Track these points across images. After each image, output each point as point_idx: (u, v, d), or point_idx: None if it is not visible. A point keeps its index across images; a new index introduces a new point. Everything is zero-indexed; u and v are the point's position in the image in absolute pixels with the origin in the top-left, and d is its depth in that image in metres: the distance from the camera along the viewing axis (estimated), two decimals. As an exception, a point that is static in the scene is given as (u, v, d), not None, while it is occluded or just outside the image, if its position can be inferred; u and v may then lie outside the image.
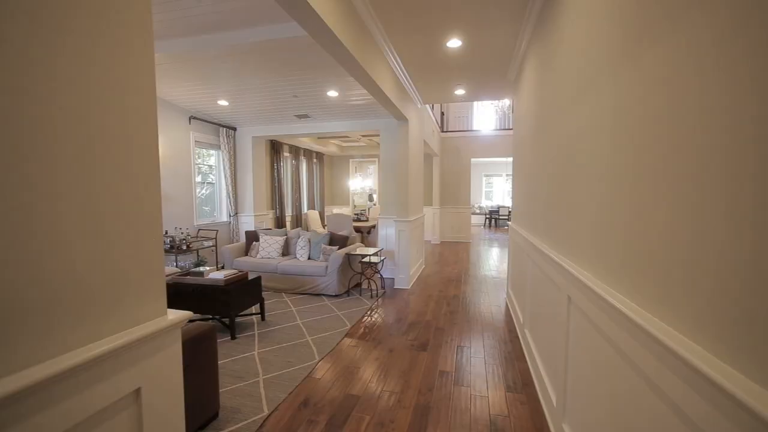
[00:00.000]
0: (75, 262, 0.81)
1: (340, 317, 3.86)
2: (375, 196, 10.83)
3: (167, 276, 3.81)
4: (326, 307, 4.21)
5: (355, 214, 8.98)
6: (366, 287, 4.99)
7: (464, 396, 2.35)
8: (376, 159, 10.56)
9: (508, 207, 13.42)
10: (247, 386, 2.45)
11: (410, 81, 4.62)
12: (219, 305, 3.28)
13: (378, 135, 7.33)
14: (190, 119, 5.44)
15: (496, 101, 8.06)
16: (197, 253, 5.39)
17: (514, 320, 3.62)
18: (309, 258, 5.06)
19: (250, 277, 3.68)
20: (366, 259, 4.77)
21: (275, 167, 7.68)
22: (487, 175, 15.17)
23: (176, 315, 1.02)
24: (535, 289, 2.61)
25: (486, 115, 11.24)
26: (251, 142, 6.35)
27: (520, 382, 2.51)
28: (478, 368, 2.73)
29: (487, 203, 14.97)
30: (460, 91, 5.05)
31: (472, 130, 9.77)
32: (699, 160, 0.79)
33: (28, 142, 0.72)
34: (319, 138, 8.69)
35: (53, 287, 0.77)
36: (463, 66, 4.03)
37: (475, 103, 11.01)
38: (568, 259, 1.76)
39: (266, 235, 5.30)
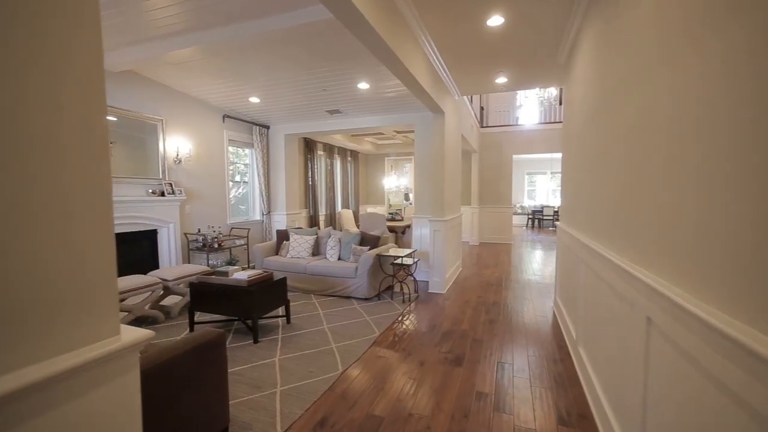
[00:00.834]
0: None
1: (369, 323, 3.61)
2: (411, 196, 10.51)
3: (194, 275, 3.77)
4: (355, 311, 3.98)
5: (390, 214, 8.73)
6: (398, 291, 4.71)
7: (506, 427, 1.99)
8: (412, 157, 10.23)
9: (553, 207, 12.53)
10: (263, 398, 2.26)
11: (446, 70, 4.27)
12: (242, 307, 3.15)
13: (413, 131, 7.02)
14: (223, 118, 5.46)
15: (542, 91, 7.43)
16: (230, 251, 5.40)
17: (565, 334, 3.17)
18: (339, 258, 4.87)
19: (278, 277, 3.54)
20: (398, 261, 4.49)
21: (309, 165, 7.61)
22: (529, 173, 14.30)
23: (133, 335, 0.81)
24: (593, 300, 2.19)
25: (529, 109, 10.52)
26: (283, 140, 6.30)
27: (575, 413, 2.11)
28: (522, 391, 2.35)
29: (529, 203, 14.11)
30: (501, 80, 4.61)
31: (514, 125, 9.16)
32: None
33: None
34: (352, 135, 8.53)
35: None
36: (506, 49, 3.62)
37: (518, 95, 10.34)
38: (649, 270, 1.37)
39: (296, 234, 5.19)
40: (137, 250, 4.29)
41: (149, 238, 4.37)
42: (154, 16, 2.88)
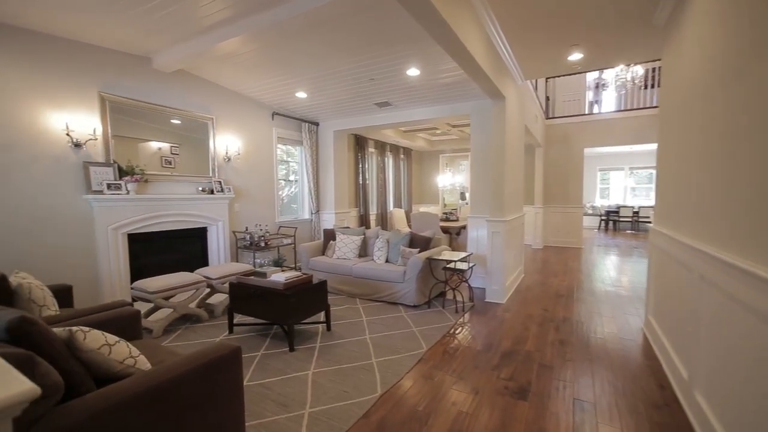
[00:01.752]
0: None
1: (416, 335, 3.21)
2: (467, 195, 9.89)
3: (237, 274, 3.67)
4: (401, 320, 3.60)
5: (444, 214, 8.21)
6: (450, 298, 4.24)
7: (593, 500, 1.48)
8: (469, 153, 9.59)
9: (632, 207, 11.00)
10: (288, 421, 1.98)
11: (508, 47, 3.71)
12: (278, 311, 2.94)
13: (469, 125, 6.46)
14: (272, 115, 5.42)
15: (623, 71, 6.38)
16: (278, 250, 5.34)
17: (667, 370, 2.47)
18: (387, 261, 4.53)
19: (322, 279, 3.30)
20: (451, 265, 4.02)
21: (360, 163, 7.41)
22: (603, 170, 12.74)
23: None
24: (725, 336, 1.57)
25: (605, 94, 9.28)
26: (332, 137, 6.13)
27: (695, 490, 1.51)
28: (611, 445, 1.79)
29: (602, 202, 12.57)
30: (575, 56, 3.92)
31: (586, 114, 8.09)
32: None
33: None
34: (405, 132, 8.17)
35: None
36: (583, 11, 2.99)
37: (590, 81, 9.18)
38: None
39: (343, 234, 4.95)
40: (188, 248, 4.35)
41: (199, 235, 4.42)
42: (201, 3, 2.76)
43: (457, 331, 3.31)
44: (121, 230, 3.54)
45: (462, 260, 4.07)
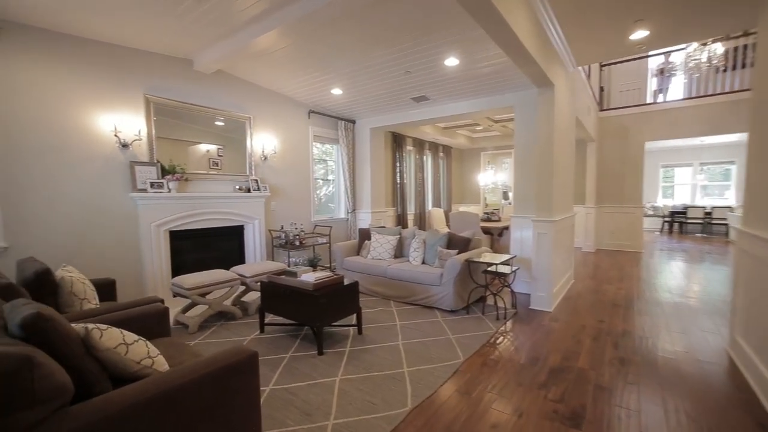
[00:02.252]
0: None
1: (452, 343, 2.97)
2: (511, 194, 9.37)
3: (269, 273, 3.65)
4: (437, 325, 3.38)
5: (485, 214, 7.80)
6: (491, 304, 3.94)
7: None
8: (512, 151, 9.08)
9: (703, 207, 9.82)
10: (311, 432, 1.85)
11: (559, 30, 3.36)
12: (307, 312, 2.85)
13: (512, 120, 6.06)
14: (309, 113, 5.41)
15: (697, 52, 5.61)
16: (313, 249, 5.32)
17: (767, 406, 2.04)
18: (423, 262, 4.32)
19: (356, 279, 3.18)
20: (492, 268, 3.73)
21: (397, 162, 7.24)
22: (667, 166, 11.51)
23: None
24: None
25: (671, 82, 8.34)
26: (369, 135, 6.02)
27: None
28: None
29: (665, 202, 11.37)
30: (639, 34, 3.45)
31: (648, 104, 7.30)
32: None
33: None
34: (444, 128, 7.88)
35: None
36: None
37: (653, 68, 8.29)
38: None
39: (378, 233, 4.81)
40: (226, 245, 4.43)
41: (237, 233, 4.49)
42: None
43: (498, 341, 3.03)
44: (163, 227, 3.65)
45: (504, 263, 3.76)
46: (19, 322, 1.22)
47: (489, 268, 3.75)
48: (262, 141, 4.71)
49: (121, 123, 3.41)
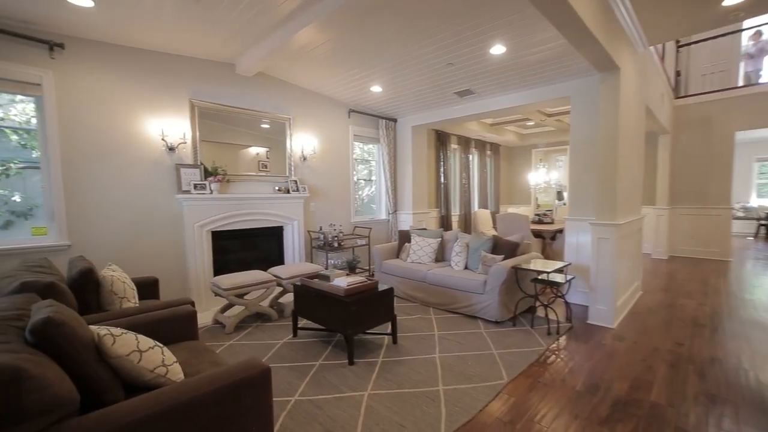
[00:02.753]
0: None
1: (496, 359, 2.68)
2: (566, 194, 8.64)
3: (304, 275, 3.59)
4: (479, 338, 3.09)
5: (537, 215, 7.23)
6: (542, 316, 3.55)
7: None
8: (567, 147, 8.35)
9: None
10: (332, 455, 1.70)
11: (626, 2, 2.91)
12: (338, 319, 2.72)
13: (568, 112, 5.50)
14: (349, 113, 5.34)
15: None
16: (352, 251, 5.23)
17: None
18: (465, 268, 4.03)
19: (387, 285, 3.02)
20: (543, 277, 3.35)
21: (441, 161, 6.95)
22: (763, 160, 9.87)
23: None
24: None
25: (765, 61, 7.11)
26: (411, 133, 5.81)
27: None
28: None
29: (762, 202, 9.78)
30: None
31: (739, 87, 6.27)
32: None
33: None
34: (492, 125, 7.43)
35: None
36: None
37: (747, 45, 7.13)
38: None
39: (418, 236, 4.59)
40: (266, 246, 4.48)
41: (276, 234, 4.52)
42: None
43: (549, 360, 2.68)
44: (205, 228, 3.76)
45: (557, 271, 3.36)
46: (30, 327, 1.20)
47: (539, 277, 3.38)
48: (302, 142, 4.70)
49: (168, 127, 3.55)
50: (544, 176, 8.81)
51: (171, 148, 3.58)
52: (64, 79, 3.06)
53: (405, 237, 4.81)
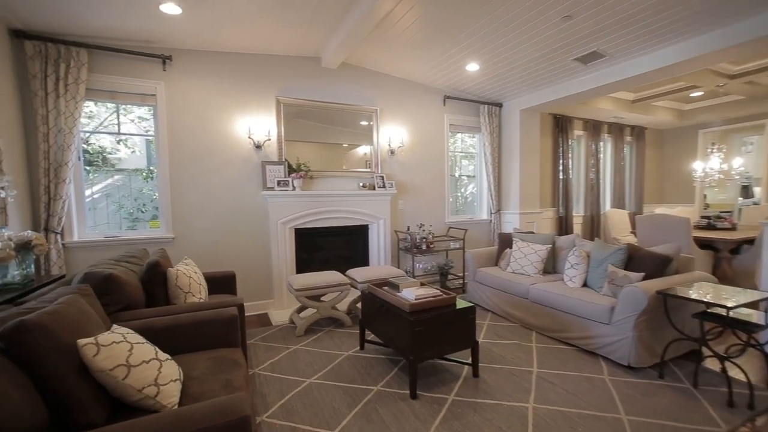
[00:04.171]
0: None
1: (625, 429, 1.80)
2: (758, 191, 6.28)
3: (375, 280, 3.21)
4: (600, 388, 2.19)
5: (705, 218, 5.34)
6: (714, 370, 2.37)
7: None
8: (765, 122, 5.97)
9: None
10: None
11: None
12: (402, 339, 2.24)
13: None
14: (444, 100, 4.77)
15: None
16: (446, 254, 4.65)
17: None
18: (584, 285, 3.06)
19: (469, 303, 2.45)
20: (716, 311, 2.22)
21: (560, 151, 5.75)
22: None
23: None
24: None
25: None
26: (518, 119, 4.89)
27: None
28: None
29: None
30: None
31: None
32: None
33: None
34: (633, 102, 5.80)
35: None
36: None
37: None
38: None
39: (522, 240, 3.75)
40: (351, 246, 4.28)
41: (361, 233, 4.28)
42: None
43: (726, 451, 1.66)
44: (288, 225, 3.74)
45: (748, 305, 2.16)
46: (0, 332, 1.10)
47: (709, 310, 2.25)
48: (389, 134, 4.36)
49: (255, 125, 3.64)
50: (717, 165, 6.51)
51: (258, 146, 3.66)
52: (172, 88, 3.38)
53: (506, 241, 4.01)
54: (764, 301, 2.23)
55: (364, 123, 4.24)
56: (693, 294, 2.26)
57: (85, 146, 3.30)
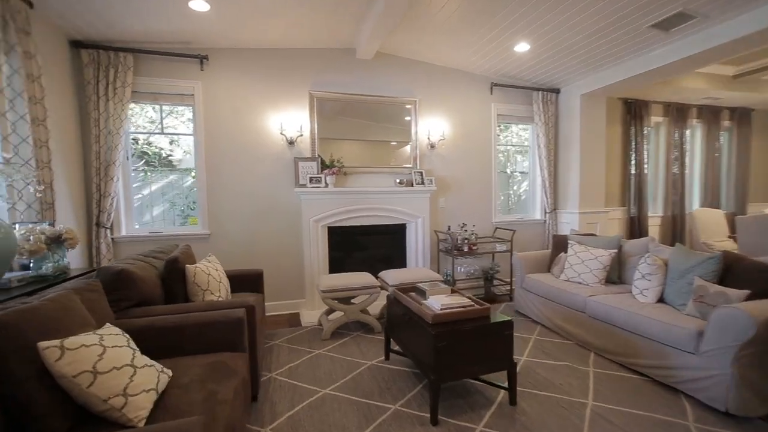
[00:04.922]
0: None
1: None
2: None
3: (408, 284, 2.94)
4: (678, 436, 1.71)
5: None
6: None
7: None
8: None
9: None
10: None
11: None
12: (423, 354, 1.96)
13: None
14: (491, 88, 4.33)
15: None
16: (492, 257, 4.22)
17: None
18: (660, 300, 2.50)
19: (506, 317, 2.16)
20: None
21: (631, 141, 4.97)
22: None
23: None
24: None
25: None
26: (579, 105, 4.28)
27: None
28: None
29: None
30: None
31: None
32: None
33: None
34: (735, 76, 4.79)
35: None
36: None
37: None
38: None
39: (578, 243, 3.23)
40: (388, 245, 4.05)
41: (398, 233, 4.03)
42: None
43: None
44: (321, 223, 3.63)
45: None
46: (-43, 329, 1.04)
47: None
48: (429, 127, 4.05)
49: (287, 121, 3.58)
50: None
51: (291, 142, 3.59)
52: (208, 87, 3.44)
53: (560, 244, 3.50)
54: None
55: (408, 119, 3.98)
56: (822, 322, 1.66)
57: (146, 147, 3.49)
